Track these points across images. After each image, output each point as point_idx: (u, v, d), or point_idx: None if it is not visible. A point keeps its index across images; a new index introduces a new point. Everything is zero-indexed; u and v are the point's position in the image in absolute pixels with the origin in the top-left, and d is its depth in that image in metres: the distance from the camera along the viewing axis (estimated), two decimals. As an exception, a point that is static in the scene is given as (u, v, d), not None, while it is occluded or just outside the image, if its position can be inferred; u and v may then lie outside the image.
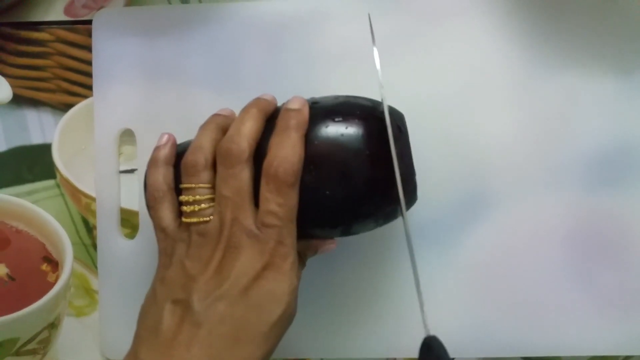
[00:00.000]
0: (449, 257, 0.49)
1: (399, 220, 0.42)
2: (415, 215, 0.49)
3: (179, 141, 0.44)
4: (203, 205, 0.40)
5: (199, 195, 0.40)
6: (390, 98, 0.43)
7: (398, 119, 0.43)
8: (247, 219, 0.39)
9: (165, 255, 0.41)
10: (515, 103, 0.49)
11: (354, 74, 0.50)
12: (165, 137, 0.44)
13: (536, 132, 0.49)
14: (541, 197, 0.49)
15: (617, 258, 0.49)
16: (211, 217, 0.40)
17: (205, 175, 0.40)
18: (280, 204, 0.39)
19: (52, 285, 0.51)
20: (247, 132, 0.40)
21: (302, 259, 0.42)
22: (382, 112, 0.41)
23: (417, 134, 0.49)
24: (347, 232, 0.42)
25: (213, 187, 0.40)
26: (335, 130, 0.40)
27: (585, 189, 0.49)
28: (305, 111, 0.41)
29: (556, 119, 0.49)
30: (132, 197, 0.51)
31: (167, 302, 0.39)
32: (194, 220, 0.40)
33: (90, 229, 0.52)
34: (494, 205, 0.49)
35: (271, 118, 0.42)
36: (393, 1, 0.50)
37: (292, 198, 0.39)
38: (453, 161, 0.49)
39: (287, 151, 0.39)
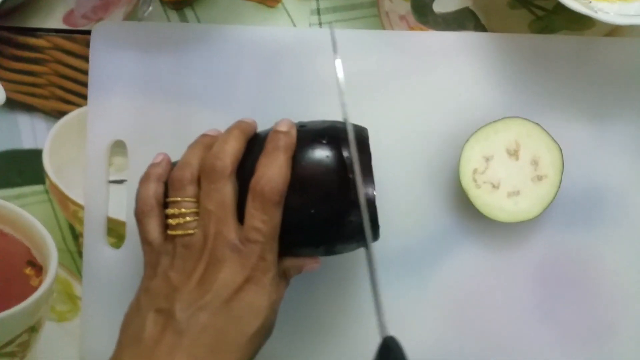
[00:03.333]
0: (419, 291, 0.51)
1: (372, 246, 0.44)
2: (387, 248, 0.51)
3: (173, 160, 0.45)
4: (188, 219, 0.41)
5: (185, 208, 0.41)
6: (371, 131, 0.44)
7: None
8: (231, 233, 0.40)
9: (150, 267, 0.42)
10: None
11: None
12: (161, 157, 0.45)
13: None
14: (511, 235, 0.51)
15: (579, 296, 0.51)
16: (195, 230, 0.41)
17: (191, 189, 0.42)
18: (265, 220, 0.40)
19: (34, 289, 0.52)
20: (230, 150, 0.42)
21: (287, 277, 0.44)
22: (367, 137, 0.43)
23: (396, 166, 0.51)
24: (330, 251, 0.44)
25: (198, 202, 0.42)
26: (321, 152, 0.42)
27: (553, 229, 0.51)
28: (293, 133, 0.43)
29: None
30: (120, 207, 0.52)
31: (150, 311, 0.40)
32: (179, 232, 0.41)
33: (76, 236, 0.53)
34: (464, 241, 0.51)
35: (255, 139, 0.43)
36: (382, 39, 0.52)
37: (276, 216, 0.41)
38: (428, 196, 0.51)
39: (274, 171, 0.41)
